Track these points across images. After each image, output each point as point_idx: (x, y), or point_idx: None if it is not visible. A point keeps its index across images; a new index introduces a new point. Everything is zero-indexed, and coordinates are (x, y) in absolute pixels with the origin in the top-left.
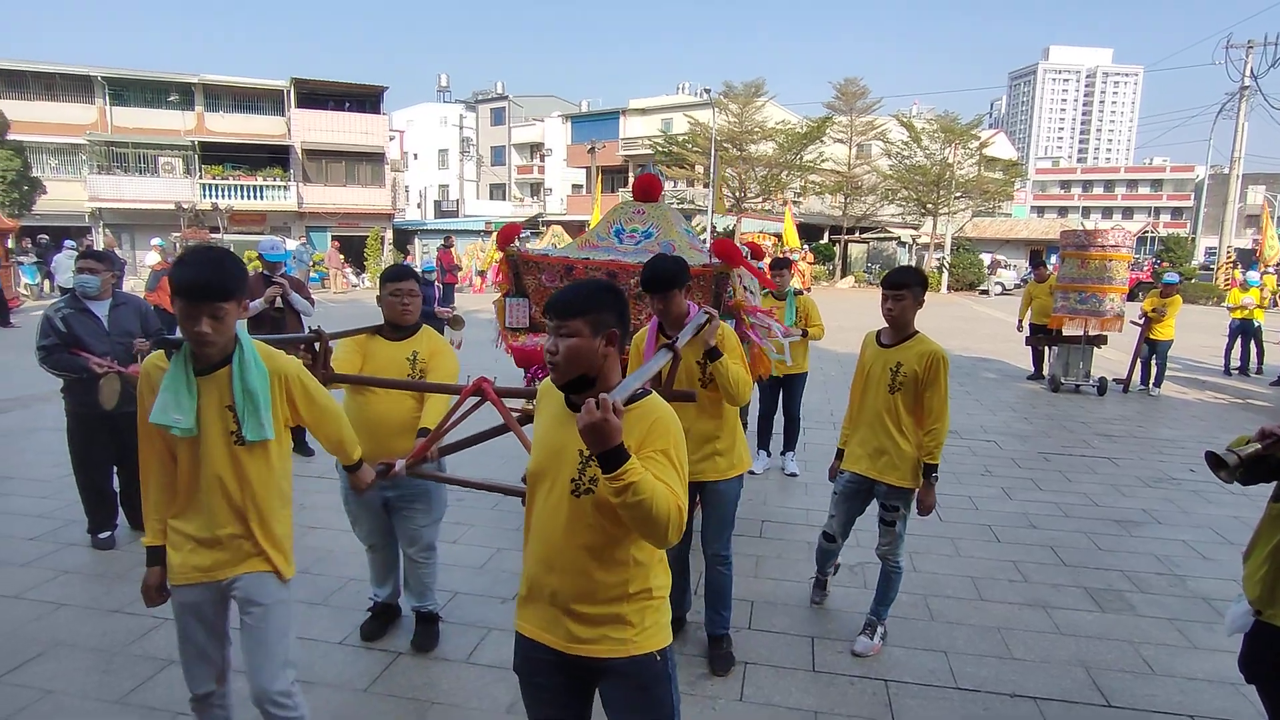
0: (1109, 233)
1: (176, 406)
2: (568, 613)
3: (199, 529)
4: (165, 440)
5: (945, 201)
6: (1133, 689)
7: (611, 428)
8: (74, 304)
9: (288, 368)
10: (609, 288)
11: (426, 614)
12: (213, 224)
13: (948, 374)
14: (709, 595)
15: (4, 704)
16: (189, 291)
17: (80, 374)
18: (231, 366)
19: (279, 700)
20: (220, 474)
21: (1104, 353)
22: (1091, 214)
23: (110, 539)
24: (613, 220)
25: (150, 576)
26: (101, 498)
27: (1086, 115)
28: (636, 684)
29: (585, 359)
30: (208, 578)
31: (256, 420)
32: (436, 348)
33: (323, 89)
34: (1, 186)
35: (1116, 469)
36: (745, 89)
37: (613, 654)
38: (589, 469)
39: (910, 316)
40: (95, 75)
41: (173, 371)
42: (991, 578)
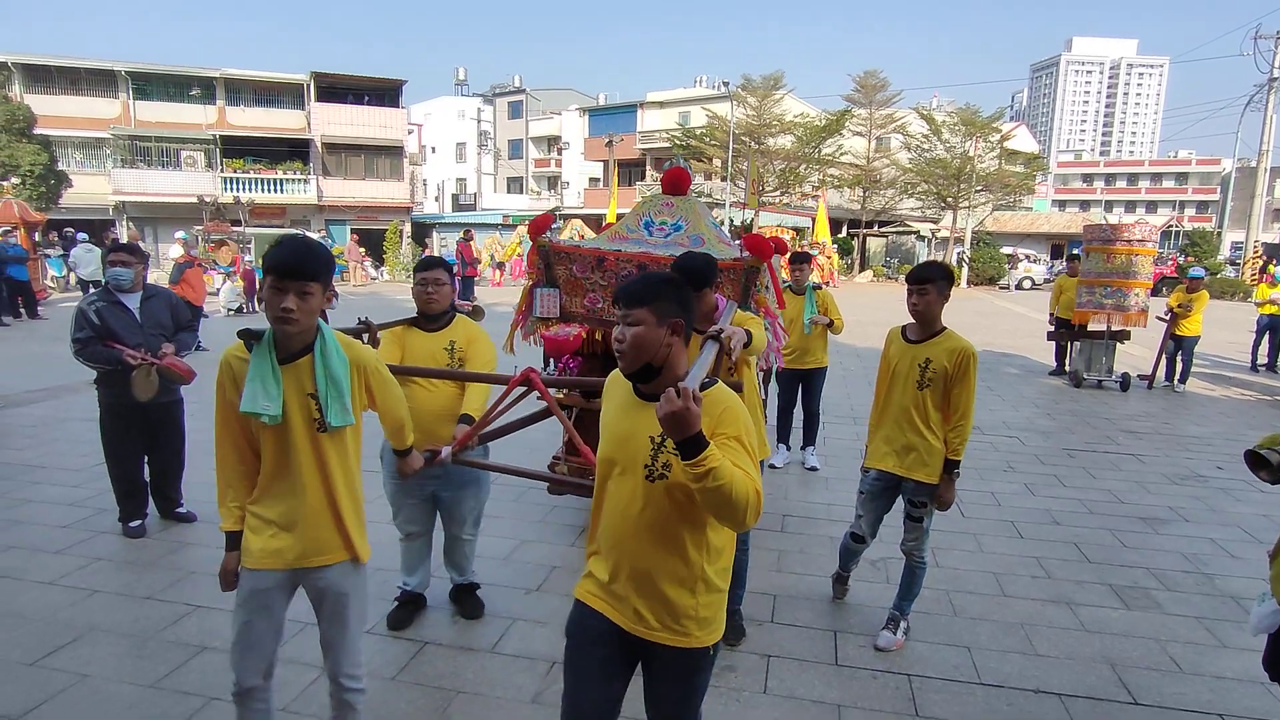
0: (1133, 227)
1: (265, 395)
2: (636, 594)
3: (280, 515)
4: (244, 428)
5: (965, 195)
6: (1160, 687)
7: (692, 416)
8: (106, 297)
9: (366, 357)
10: (671, 279)
11: (469, 585)
12: (234, 217)
13: (977, 370)
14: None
15: (42, 687)
16: (280, 270)
17: (114, 366)
18: (314, 355)
19: (352, 674)
20: (303, 461)
21: (1127, 348)
22: (1114, 208)
23: (141, 527)
24: (642, 213)
25: (228, 561)
26: (133, 487)
27: (1110, 107)
28: (686, 671)
29: (650, 347)
30: (285, 564)
31: (340, 406)
32: (473, 336)
33: (342, 83)
34: (29, 180)
35: (1142, 466)
36: (764, 82)
37: (674, 643)
38: (661, 455)
39: (936, 311)
40: (119, 70)
41: (256, 362)
42: (1014, 574)
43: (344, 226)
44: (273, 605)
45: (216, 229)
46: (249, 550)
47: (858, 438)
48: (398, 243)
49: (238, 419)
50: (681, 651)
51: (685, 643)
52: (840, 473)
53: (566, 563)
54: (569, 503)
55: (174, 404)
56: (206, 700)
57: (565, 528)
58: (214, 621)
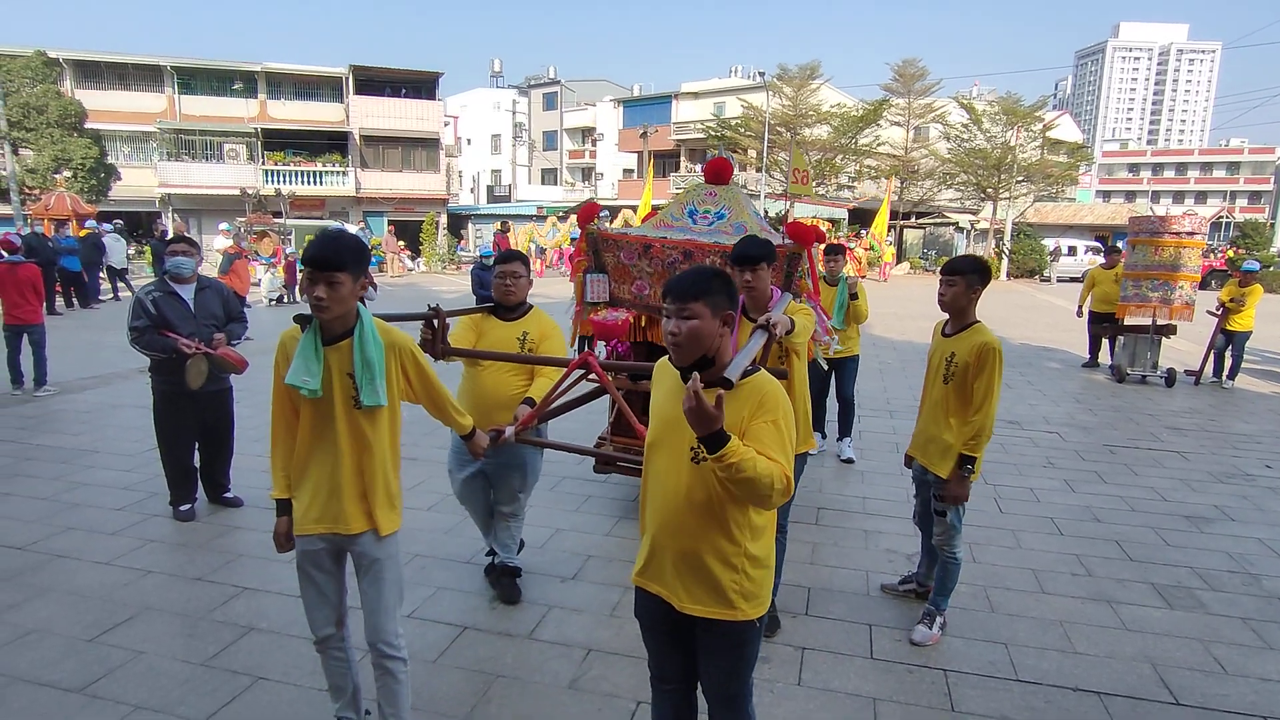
0: (1182, 218)
1: (306, 371)
2: (683, 572)
3: (316, 483)
4: (294, 402)
5: (1006, 186)
6: (1203, 688)
7: (708, 413)
8: (162, 287)
9: (403, 342)
10: (720, 273)
11: (511, 568)
12: (275, 209)
13: (1000, 367)
14: None
15: (102, 662)
16: (311, 262)
17: (169, 354)
18: (353, 339)
19: (390, 642)
20: (340, 435)
21: (1172, 343)
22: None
23: (191, 510)
24: (686, 201)
25: (280, 525)
26: (184, 472)
27: (1158, 95)
28: (735, 643)
29: (706, 339)
30: (325, 529)
31: (373, 388)
32: (547, 331)
33: (380, 76)
34: (80, 174)
35: (1186, 463)
36: (800, 71)
37: (722, 616)
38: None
39: (964, 304)
40: (165, 65)
41: (304, 341)
42: (1053, 571)
43: (381, 218)
44: (323, 564)
45: (258, 220)
46: (296, 518)
47: (894, 431)
48: (434, 234)
49: (289, 394)
50: (729, 624)
51: (732, 615)
52: (875, 466)
53: (601, 552)
54: (604, 492)
55: (224, 392)
56: (254, 679)
57: (600, 517)
58: (261, 603)
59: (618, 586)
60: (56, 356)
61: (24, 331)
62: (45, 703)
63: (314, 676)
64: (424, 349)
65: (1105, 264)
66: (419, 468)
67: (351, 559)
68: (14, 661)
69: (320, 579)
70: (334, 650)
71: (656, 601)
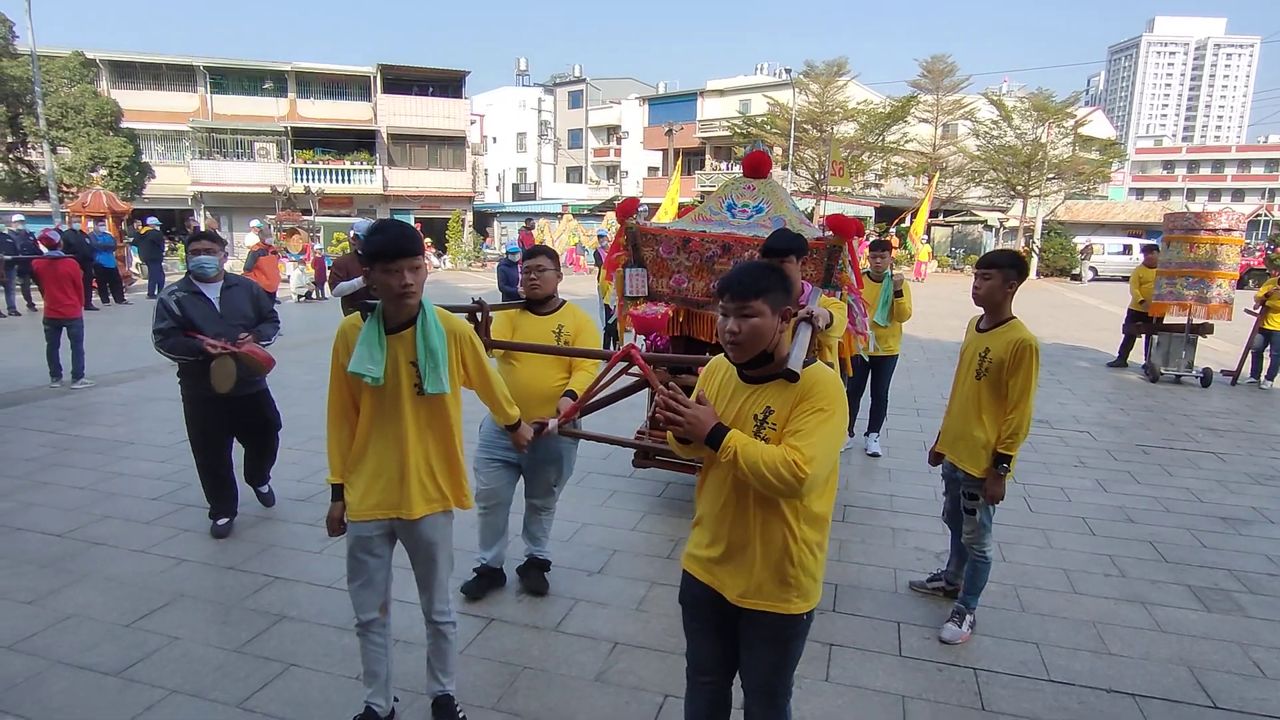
0: (1219, 215)
1: (370, 359)
2: (736, 564)
3: (377, 470)
4: (353, 389)
5: (1036, 183)
6: (1241, 691)
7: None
8: (187, 287)
9: (463, 330)
10: (775, 268)
11: (541, 561)
12: (304, 207)
13: (1038, 364)
14: None
15: (139, 647)
16: (390, 252)
17: (195, 356)
18: (416, 327)
19: (443, 610)
20: (403, 422)
21: (1208, 342)
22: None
23: (228, 526)
24: (724, 195)
25: (333, 510)
26: (220, 483)
27: (1195, 90)
28: (782, 637)
29: (767, 336)
30: (383, 514)
31: (436, 375)
32: (581, 324)
33: (407, 75)
34: (116, 172)
35: (1223, 464)
36: (827, 68)
37: (772, 609)
38: (764, 430)
39: (999, 299)
40: (198, 65)
41: (367, 330)
42: (1086, 571)
43: (408, 216)
44: (375, 550)
45: (288, 218)
46: (350, 504)
47: (921, 429)
48: (460, 232)
49: (348, 382)
50: (779, 617)
51: (784, 609)
52: (903, 464)
53: (628, 546)
54: (630, 487)
55: (258, 395)
56: (286, 666)
57: (626, 512)
58: (293, 592)
59: (644, 581)
60: (92, 350)
61: (64, 325)
62: (84, 685)
63: (344, 664)
64: None
65: (1147, 262)
66: None
67: (403, 543)
68: (54, 645)
69: (371, 564)
70: (374, 635)
71: (704, 589)
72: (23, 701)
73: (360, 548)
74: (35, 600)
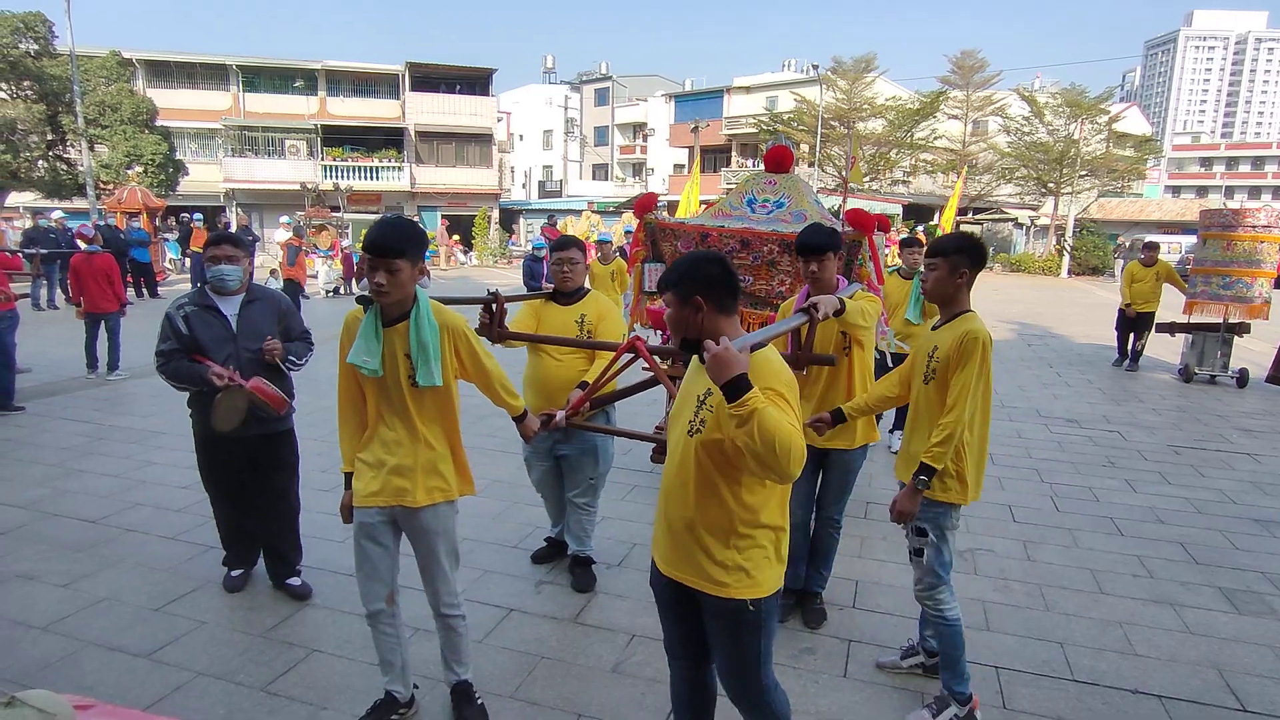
0: (1258, 212)
1: (367, 351)
2: (678, 543)
3: (379, 459)
4: (357, 380)
5: (1068, 180)
6: (1272, 695)
7: (729, 357)
8: (200, 300)
9: (456, 323)
10: (692, 263)
11: (584, 558)
12: (333, 203)
13: (984, 362)
14: (814, 554)
15: (167, 630)
16: (370, 249)
17: (200, 385)
18: (409, 321)
19: (450, 603)
20: (399, 412)
21: (1245, 343)
22: (1235, 194)
23: (243, 579)
24: (745, 190)
25: (345, 498)
26: (237, 532)
27: (1234, 86)
28: (727, 625)
29: (680, 323)
30: (383, 502)
31: (428, 369)
32: (604, 312)
33: (435, 72)
34: (151, 169)
35: (1258, 466)
36: (855, 64)
37: (709, 591)
38: (701, 411)
39: (949, 291)
40: (230, 64)
41: (366, 322)
42: (1113, 572)
43: (435, 213)
44: (378, 538)
45: (317, 214)
46: (356, 492)
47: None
48: (486, 228)
49: (352, 372)
50: (721, 602)
51: (723, 593)
52: None
53: (646, 540)
54: (650, 482)
55: (279, 436)
56: (309, 651)
57: (645, 506)
58: (316, 579)
59: None
60: (127, 343)
61: (101, 319)
62: (115, 666)
63: (366, 651)
64: (481, 332)
65: (1144, 260)
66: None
67: (406, 532)
68: (87, 627)
69: (375, 553)
70: (384, 625)
71: (657, 572)
72: (57, 680)
73: (364, 535)
74: (69, 584)
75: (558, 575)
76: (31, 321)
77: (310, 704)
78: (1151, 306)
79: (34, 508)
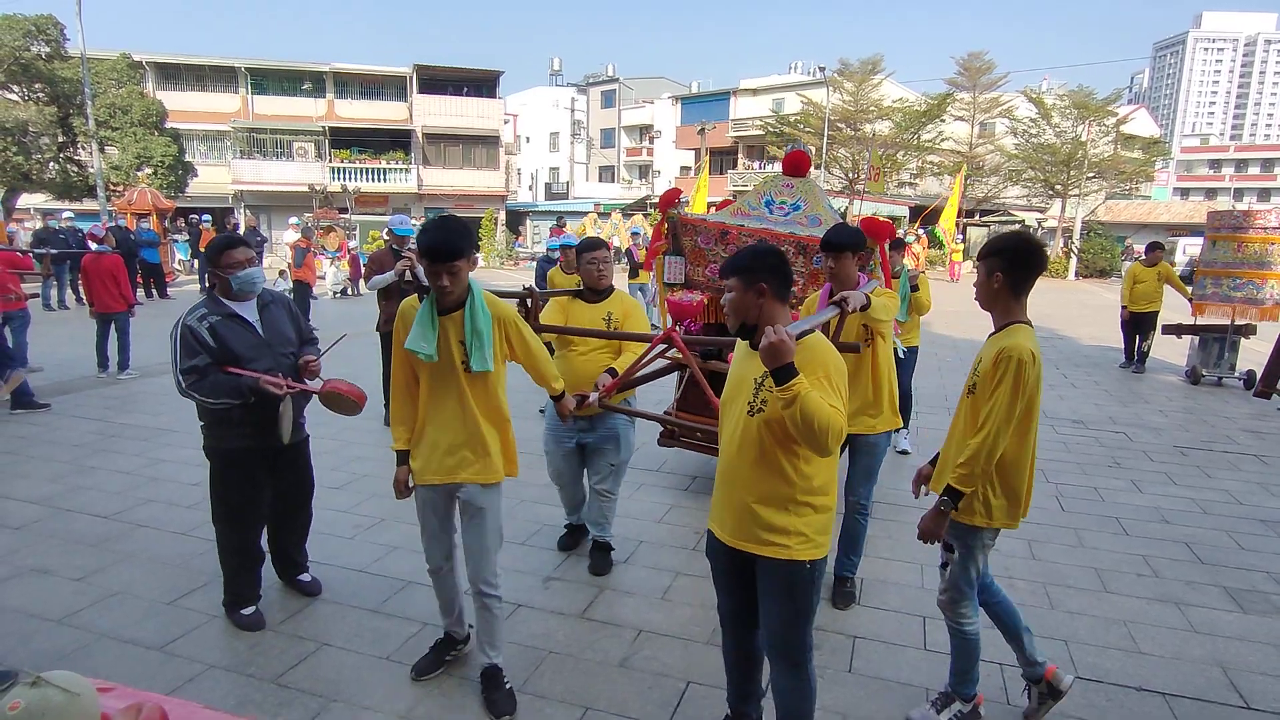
0: (1268, 213)
1: (423, 338)
2: (739, 515)
3: (435, 439)
4: (413, 364)
5: (1076, 182)
6: (1276, 692)
7: (785, 346)
8: (218, 308)
9: (507, 313)
10: (759, 254)
11: (603, 544)
12: (341, 205)
13: (1019, 381)
14: (843, 539)
15: (179, 623)
16: (430, 254)
17: (246, 399)
18: (464, 311)
19: (489, 581)
20: (452, 395)
21: (1252, 344)
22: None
23: (258, 615)
24: (764, 191)
25: (399, 474)
26: (254, 562)
27: (1244, 88)
28: (785, 584)
29: (741, 309)
30: (439, 480)
31: (481, 355)
32: (629, 309)
33: (442, 75)
34: (160, 170)
35: (1265, 467)
36: (861, 66)
37: (770, 555)
38: (760, 393)
39: (990, 296)
40: (239, 66)
41: (423, 311)
42: (1118, 571)
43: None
44: (438, 508)
45: (325, 216)
46: (414, 469)
47: None
48: (493, 230)
49: (408, 357)
50: (780, 564)
51: (784, 554)
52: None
53: (654, 537)
54: (657, 481)
55: (302, 444)
56: (319, 645)
57: (653, 504)
58: (326, 575)
59: (669, 571)
60: (137, 343)
61: (111, 319)
62: (128, 658)
63: (374, 645)
64: None
65: (1146, 261)
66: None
67: (459, 507)
68: (100, 619)
69: (434, 522)
70: (444, 578)
71: (716, 540)
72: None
73: (425, 507)
74: (83, 578)
75: (565, 571)
76: (42, 321)
77: (320, 695)
78: (1155, 306)
79: (48, 504)
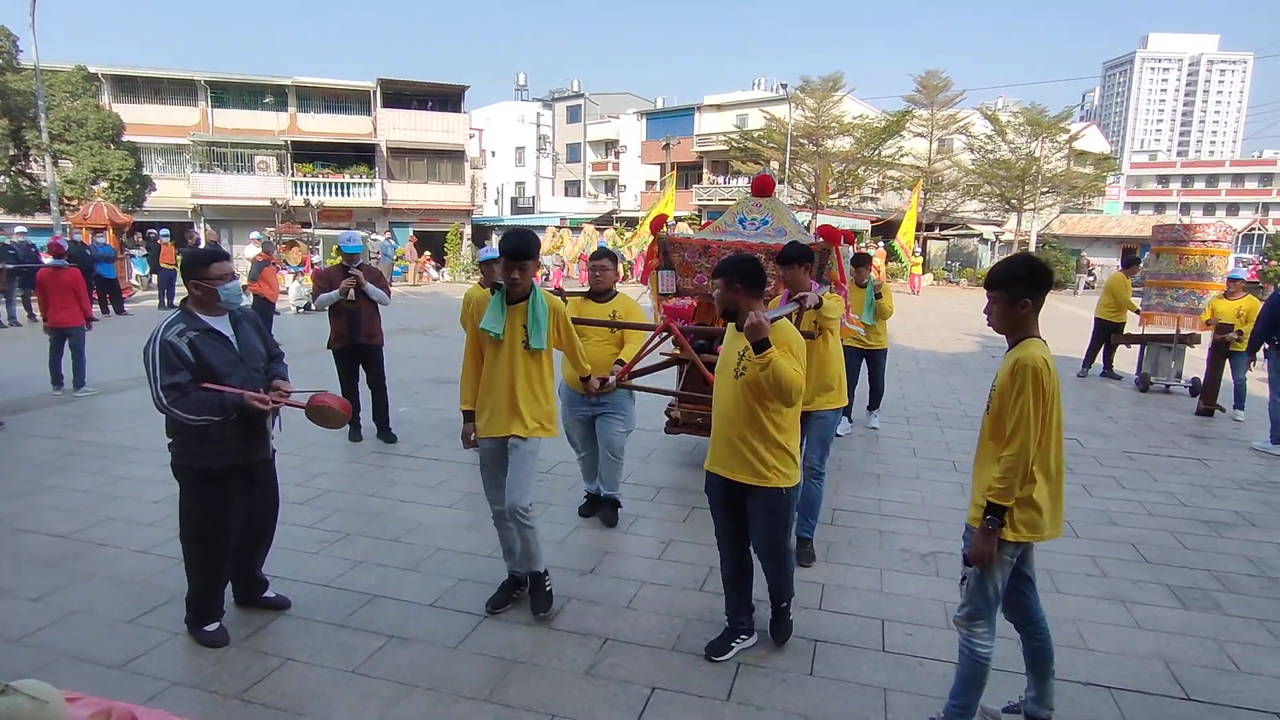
0: (1207, 227)
1: (495, 321)
2: (733, 453)
3: (497, 404)
4: (480, 341)
5: (1030, 197)
6: (1215, 684)
7: (764, 326)
8: (194, 323)
9: (559, 306)
10: (740, 259)
11: (613, 500)
12: (303, 219)
13: (1038, 389)
14: (802, 505)
15: (141, 641)
16: (509, 254)
17: (229, 415)
18: (528, 302)
19: (523, 511)
20: (512, 367)
21: (1196, 353)
22: (1191, 210)
23: (222, 630)
24: (737, 211)
25: (465, 430)
26: (221, 584)
27: (1189, 106)
28: (769, 505)
29: (726, 300)
30: (497, 433)
31: (539, 336)
32: (630, 308)
33: (407, 89)
34: (117, 184)
35: (1207, 470)
36: (823, 83)
37: (758, 483)
38: (743, 361)
39: (1016, 321)
40: (198, 79)
41: (494, 300)
42: (1068, 571)
43: (406, 229)
44: (497, 459)
45: (287, 230)
46: (478, 426)
47: (910, 436)
48: (458, 244)
49: (479, 336)
50: (766, 490)
51: (767, 483)
52: (890, 470)
53: (616, 548)
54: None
55: (272, 460)
56: (283, 660)
57: (621, 515)
58: (290, 590)
59: (634, 580)
60: (94, 359)
61: (66, 335)
62: (89, 677)
63: (340, 659)
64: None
65: (1127, 273)
66: (440, 468)
67: (509, 454)
68: (59, 639)
69: (493, 469)
70: (505, 523)
71: (717, 478)
72: None
73: (486, 458)
74: (41, 597)
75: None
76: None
77: (285, 710)
78: (1121, 316)
79: (4, 523)
